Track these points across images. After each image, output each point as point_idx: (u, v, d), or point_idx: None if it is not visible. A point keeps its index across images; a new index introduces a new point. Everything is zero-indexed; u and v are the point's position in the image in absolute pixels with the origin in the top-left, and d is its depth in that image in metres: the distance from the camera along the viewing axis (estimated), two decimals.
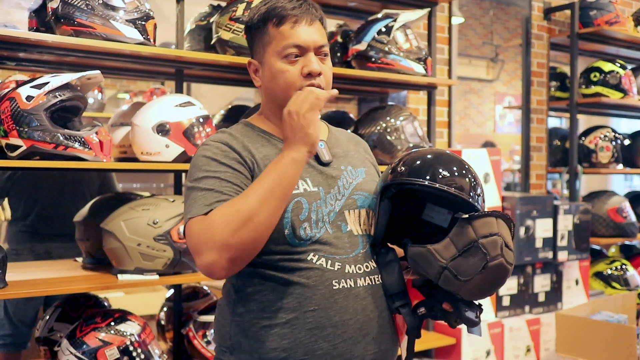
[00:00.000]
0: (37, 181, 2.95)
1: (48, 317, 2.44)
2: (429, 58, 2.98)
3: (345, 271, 1.32)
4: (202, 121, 2.35)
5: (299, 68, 1.36)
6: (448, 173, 1.31)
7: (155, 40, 2.28)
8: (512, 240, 1.30)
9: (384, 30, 2.84)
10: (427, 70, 2.94)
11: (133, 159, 2.39)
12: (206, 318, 2.52)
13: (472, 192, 1.31)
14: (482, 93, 10.50)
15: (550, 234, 3.47)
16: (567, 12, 4.29)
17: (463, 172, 1.33)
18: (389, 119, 2.86)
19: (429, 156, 1.36)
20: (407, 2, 3.19)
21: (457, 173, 1.32)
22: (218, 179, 1.29)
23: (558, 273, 3.60)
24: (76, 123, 2.15)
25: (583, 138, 4.23)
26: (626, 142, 4.34)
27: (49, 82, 2.03)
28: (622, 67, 4.13)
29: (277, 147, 1.39)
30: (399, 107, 2.97)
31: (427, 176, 1.31)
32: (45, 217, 2.95)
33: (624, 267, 4.06)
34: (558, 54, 4.62)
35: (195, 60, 2.51)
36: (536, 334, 3.39)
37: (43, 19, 2.24)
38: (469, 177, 1.33)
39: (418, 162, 1.34)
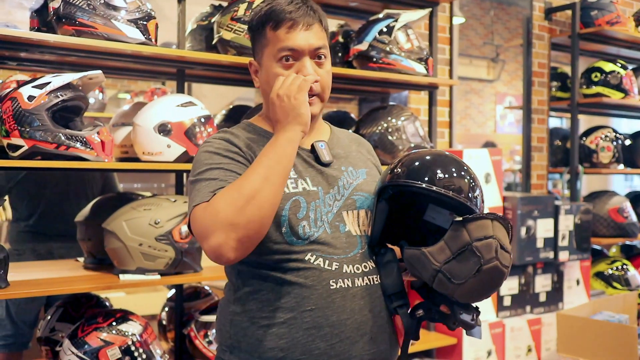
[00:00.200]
0: (41, 182, 2.95)
1: (50, 317, 2.44)
2: (430, 58, 2.98)
3: (343, 271, 1.33)
4: (203, 121, 2.35)
5: (293, 73, 1.35)
6: (446, 175, 1.30)
7: (157, 40, 2.28)
8: (510, 242, 1.28)
9: (386, 30, 2.84)
10: (428, 71, 2.94)
11: (134, 159, 2.39)
12: (207, 318, 2.52)
13: (470, 194, 1.30)
14: (483, 93, 10.50)
15: (551, 234, 3.47)
16: (568, 12, 4.29)
17: (462, 174, 1.32)
18: (390, 119, 2.86)
19: (427, 157, 1.35)
20: (408, 2, 3.19)
21: (455, 175, 1.31)
22: (221, 169, 1.30)
23: (559, 273, 3.60)
24: (78, 123, 2.15)
25: (584, 138, 4.23)
26: (627, 142, 4.35)
27: (50, 82, 2.03)
28: (623, 67, 4.13)
29: None
30: (400, 107, 2.97)
31: (425, 178, 1.30)
32: (48, 217, 2.95)
33: (624, 267, 4.06)
34: (559, 54, 4.63)
35: (197, 60, 2.51)
36: (537, 334, 3.39)
37: (44, 19, 2.24)
38: (468, 178, 1.32)
39: (416, 163, 1.33)
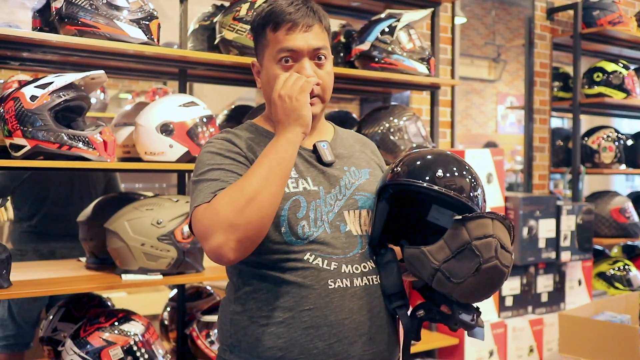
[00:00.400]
0: (45, 182, 2.95)
1: (52, 317, 2.44)
2: (432, 58, 2.97)
3: (342, 271, 1.32)
4: (205, 121, 2.35)
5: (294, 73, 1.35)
6: (447, 174, 1.29)
7: (159, 40, 2.28)
8: (512, 242, 1.27)
9: (388, 30, 2.84)
10: (430, 71, 2.94)
11: (137, 159, 2.39)
12: (209, 318, 2.51)
13: (472, 193, 1.29)
14: (484, 93, 10.48)
15: (553, 234, 3.47)
16: (570, 12, 4.29)
17: (463, 173, 1.31)
18: (392, 119, 2.86)
19: (428, 157, 1.34)
20: (410, 2, 3.19)
21: (457, 174, 1.30)
22: (222, 170, 1.31)
23: (561, 273, 3.60)
24: (80, 123, 2.15)
25: (586, 138, 4.22)
26: (629, 142, 4.34)
27: (53, 82, 2.03)
28: (625, 67, 4.13)
29: None
30: (402, 107, 2.97)
31: (426, 177, 1.28)
32: (52, 217, 2.95)
33: (626, 267, 4.05)
34: (561, 54, 4.63)
35: (199, 60, 2.51)
36: (539, 334, 3.39)
37: (47, 19, 2.24)
38: (469, 178, 1.30)
39: (417, 162, 1.32)
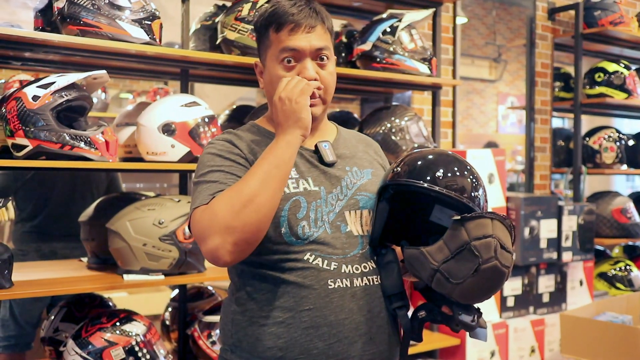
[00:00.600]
0: (48, 183, 2.94)
1: (53, 317, 2.44)
2: (434, 58, 2.97)
3: (342, 271, 1.32)
4: (207, 121, 2.35)
5: (295, 74, 1.35)
6: (449, 174, 1.28)
7: (161, 40, 2.28)
8: (513, 242, 1.26)
9: (389, 30, 2.84)
10: (432, 71, 2.94)
11: (138, 159, 2.39)
12: (211, 318, 2.52)
13: (473, 194, 1.28)
14: (485, 93, 10.48)
15: (554, 235, 3.47)
16: (572, 12, 4.29)
17: (464, 173, 1.30)
18: (393, 119, 2.85)
19: (429, 157, 1.33)
20: (412, 2, 3.18)
21: (458, 174, 1.29)
22: (222, 172, 1.31)
23: (562, 274, 3.59)
24: (82, 123, 2.15)
25: (587, 138, 4.22)
26: (630, 142, 4.34)
27: (55, 82, 2.03)
28: (627, 68, 4.13)
29: None
30: (403, 108, 2.97)
31: (427, 177, 1.28)
32: (54, 217, 2.95)
33: (628, 267, 4.05)
34: (562, 54, 4.62)
35: (201, 60, 2.51)
36: (540, 334, 3.39)
37: (49, 19, 2.24)
38: (470, 178, 1.30)
39: (418, 162, 1.31)
